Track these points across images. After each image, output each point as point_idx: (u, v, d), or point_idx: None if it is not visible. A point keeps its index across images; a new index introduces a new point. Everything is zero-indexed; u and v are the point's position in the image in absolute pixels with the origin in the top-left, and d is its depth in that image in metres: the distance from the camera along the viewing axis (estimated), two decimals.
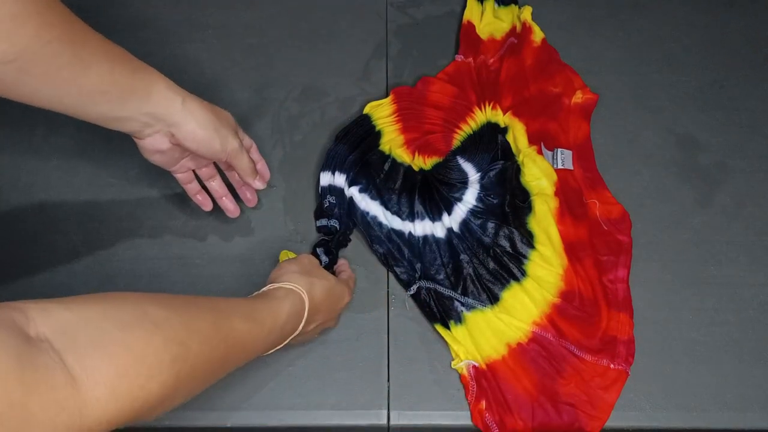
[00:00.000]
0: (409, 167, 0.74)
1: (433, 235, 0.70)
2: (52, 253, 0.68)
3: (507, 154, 0.74)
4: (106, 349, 0.36)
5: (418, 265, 0.68)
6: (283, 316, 0.53)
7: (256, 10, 0.86)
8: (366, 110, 0.78)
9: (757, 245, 0.72)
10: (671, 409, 0.63)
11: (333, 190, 0.72)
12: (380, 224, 0.71)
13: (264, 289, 0.56)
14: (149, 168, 0.74)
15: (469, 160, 0.75)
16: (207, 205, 0.69)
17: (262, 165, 0.70)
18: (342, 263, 0.69)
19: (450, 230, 0.70)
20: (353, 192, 0.72)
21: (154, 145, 0.57)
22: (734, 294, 0.69)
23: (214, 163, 0.67)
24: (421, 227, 0.70)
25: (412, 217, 0.71)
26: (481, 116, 0.78)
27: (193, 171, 0.66)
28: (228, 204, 0.69)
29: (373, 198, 0.72)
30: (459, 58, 0.82)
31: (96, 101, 0.51)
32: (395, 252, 0.69)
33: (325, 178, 0.73)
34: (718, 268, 0.71)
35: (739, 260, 0.71)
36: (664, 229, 0.73)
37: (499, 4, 0.87)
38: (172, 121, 0.56)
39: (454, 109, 0.78)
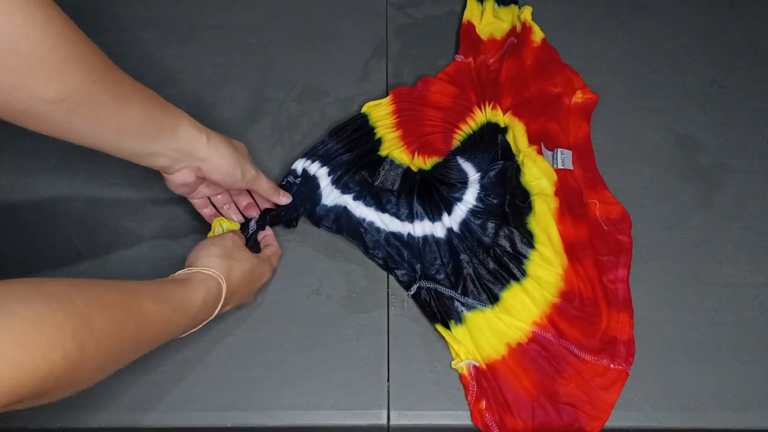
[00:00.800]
0: (408, 168, 0.74)
1: (432, 236, 0.70)
2: (52, 253, 0.68)
3: (507, 154, 0.74)
4: (3, 322, 0.37)
5: (418, 266, 0.68)
6: (197, 302, 0.54)
7: (256, 10, 0.86)
8: (364, 110, 0.78)
9: (757, 245, 0.72)
10: (671, 409, 0.63)
11: (303, 174, 0.72)
12: (378, 229, 0.71)
13: (181, 272, 0.56)
14: (149, 168, 0.74)
15: (469, 160, 0.75)
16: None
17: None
18: (268, 235, 0.69)
19: (450, 230, 0.70)
20: (347, 200, 0.72)
21: (181, 179, 0.62)
22: (734, 294, 0.69)
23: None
24: (421, 228, 0.70)
25: (411, 217, 0.71)
26: (481, 116, 0.78)
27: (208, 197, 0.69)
28: None
29: (368, 204, 0.72)
30: (459, 58, 0.82)
31: (131, 138, 0.56)
32: (395, 255, 0.69)
33: (299, 164, 0.73)
34: (718, 268, 0.71)
35: (739, 260, 0.71)
36: (664, 229, 0.73)
37: (499, 4, 0.87)
38: (199, 157, 0.60)
39: (454, 110, 0.78)
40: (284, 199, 0.69)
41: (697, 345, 0.67)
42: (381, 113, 0.77)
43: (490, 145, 0.75)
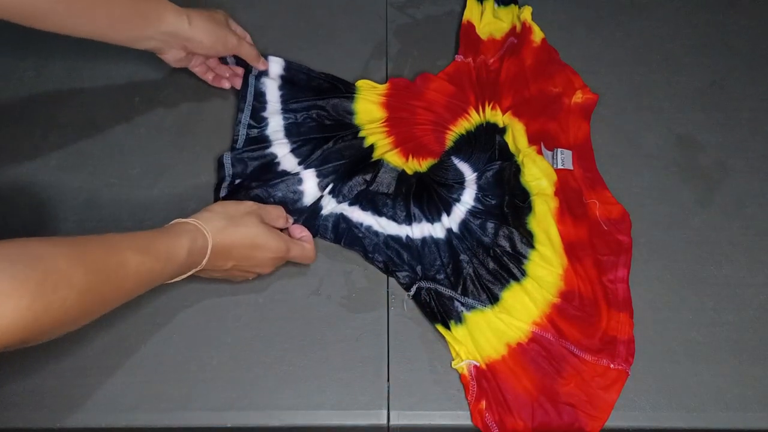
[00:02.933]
0: (403, 171, 0.74)
1: (431, 237, 0.70)
2: None
3: (504, 155, 0.74)
4: None
5: (418, 267, 0.68)
6: (182, 250, 0.57)
7: (256, 10, 0.86)
8: (358, 83, 0.79)
9: (757, 245, 0.72)
10: (671, 409, 0.63)
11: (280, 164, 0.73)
12: (376, 233, 0.70)
13: (171, 222, 0.60)
14: (149, 168, 0.74)
15: (465, 160, 0.75)
16: (224, 83, 0.80)
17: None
18: (306, 234, 0.68)
19: (449, 231, 0.70)
20: (344, 207, 0.71)
21: (174, 56, 0.73)
22: (734, 294, 0.69)
23: None
24: (419, 229, 0.70)
25: (408, 220, 0.71)
26: (477, 117, 0.78)
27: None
28: (235, 81, 0.80)
29: (364, 209, 0.71)
30: (459, 58, 0.82)
31: (123, 28, 0.66)
32: (395, 258, 0.69)
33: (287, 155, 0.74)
34: (718, 268, 0.71)
35: (739, 260, 0.71)
36: (664, 229, 0.73)
37: (499, 4, 0.87)
38: (184, 37, 0.70)
39: (449, 109, 0.78)
40: (262, 65, 0.78)
41: (697, 345, 0.67)
42: (371, 117, 0.77)
43: (486, 146, 0.75)
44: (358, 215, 0.71)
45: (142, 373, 0.63)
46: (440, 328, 0.66)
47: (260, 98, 0.78)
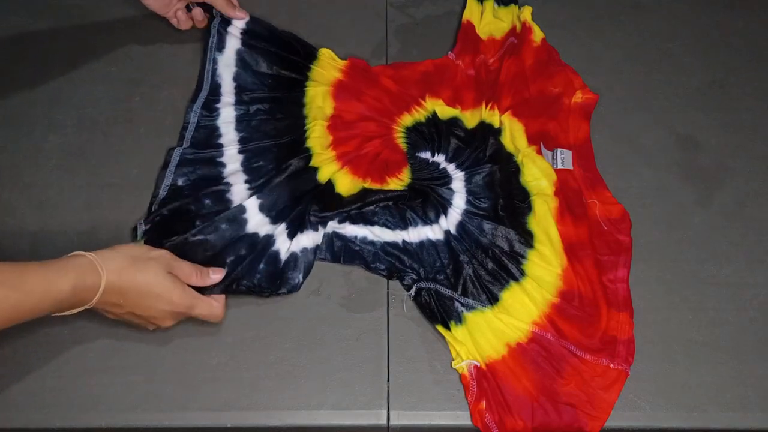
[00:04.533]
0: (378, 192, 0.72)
1: (429, 239, 0.70)
2: (52, 253, 0.68)
3: (499, 156, 0.74)
4: None
5: (420, 270, 0.68)
6: (63, 285, 0.54)
7: (255, 9, 0.86)
8: (321, 50, 0.81)
9: (757, 245, 0.72)
10: (671, 409, 0.63)
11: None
12: (372, 242, 0.70)
13: (69, 254, 0.57)
14: (149, 168, 0.74)
15: (451, 161, 0.75)
16: (185, 24, 0.82)
17: None
18: (220, 296, 0.64)
19: (447, 232, 0.70)
20: (333, 225, 0.70)
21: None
22: (734, 294, 0.69)
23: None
24: (416, 233, 0.70)
25: (404, 224, 0.70)
26: (425, 110, 0.78)
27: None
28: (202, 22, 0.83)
29: (355, 222, 0.70)
30: (451, 55, 0.82)
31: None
32: (397, 263, 0.68)
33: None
34: (718, 268, 0.71)
35: (739, 260, 0.71)
36: (664, 229, 0.73)
37: (499, 4, 0.87)
38: None
39: (396, 101, 0.78)
40: (240, 14, 0.80)
41: (697, 345, 0.67)
42: (320, 105, 0.77)
43: (479, 144, 0.75)
44: (351, 229, 0.70)
45: (142, 373, 0.63)
46: (440, 328, 0.66)
47: (215, 91, 0.78)
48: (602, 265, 0.70)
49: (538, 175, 0.73)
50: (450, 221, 0.70)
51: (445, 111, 0.78)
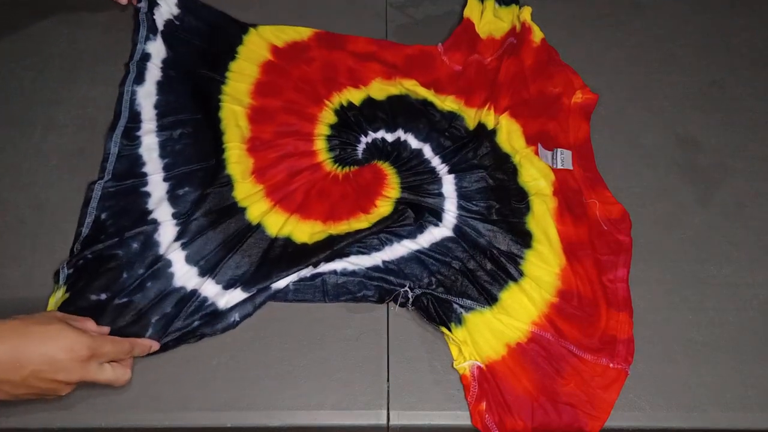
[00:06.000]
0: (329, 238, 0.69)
1: (410, 252, 0.69)
2: (52, 253, 0.68)
3: (495, 157, 0.74)
4: None
5: (408, 284, 0.66)
6: None
7: (255, 10, 0.86)
8: (252, 30, 0.82)
9: (757, 245, 0.72)
10: (671, 409, 0.63)
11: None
12: (353, 272, 0.67)
13: None
14: None
15: (437, 152, 0.75)
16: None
17: None
18: (126, 360, 0.60)
19: (445, 235, 0.70)
20: (304, 273, 0.67)
21: None
22: (734, 294, 0.69)
23: None
24: (392, 251, 0.69)
25: (379, 245, 0.69)
26: (356, 93, 0.78)
27: None
28: None
29: (328, 260, 0.67)
30: (440, 47, 0.82)
31: None
32: (384, 285, 0.67)
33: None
34: (718, 268, 0.71)
35: (739, 260, 0.71)
36: (664, 229, 0.73)
37: (499, 4, 0.87)
38: None
39: (331, 80, 0.79)
40: None
41: (697, 345, 0.67)
42: (242, 80, 0.78)
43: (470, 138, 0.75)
44: (328, 266, 0.67)
45: (142, 373, 0.63)
46: (441, 328, 0.66)
47: (134, 118, 0.75)
48: (602, 264, 0.70)
49: (536, 175, 0.73)
50: (445, 226, 0.70)
51: (419, 91, 0.78)
